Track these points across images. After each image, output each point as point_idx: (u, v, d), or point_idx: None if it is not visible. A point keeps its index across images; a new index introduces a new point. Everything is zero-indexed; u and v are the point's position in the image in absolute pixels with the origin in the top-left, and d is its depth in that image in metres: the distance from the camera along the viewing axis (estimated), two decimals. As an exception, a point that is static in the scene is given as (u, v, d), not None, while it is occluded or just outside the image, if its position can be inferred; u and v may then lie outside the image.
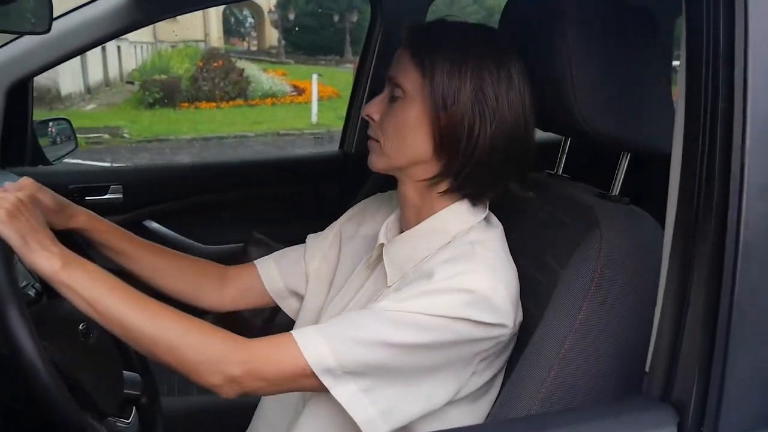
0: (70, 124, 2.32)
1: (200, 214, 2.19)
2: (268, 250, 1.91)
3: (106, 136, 11.06)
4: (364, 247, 1.16)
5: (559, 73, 1.00)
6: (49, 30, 1.36)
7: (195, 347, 0.89)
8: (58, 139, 2.29)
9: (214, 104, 14.65)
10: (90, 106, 14.94)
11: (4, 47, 1.85)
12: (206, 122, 12.63)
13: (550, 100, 1.02)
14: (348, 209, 1.25)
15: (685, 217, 0.78)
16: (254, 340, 0.91)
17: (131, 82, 17.63)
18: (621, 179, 1.08)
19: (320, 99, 13.67)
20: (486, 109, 0.96)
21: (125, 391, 1.07)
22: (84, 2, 1.82)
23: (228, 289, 1.21)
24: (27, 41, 1.84)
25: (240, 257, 1.87)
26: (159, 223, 2.14)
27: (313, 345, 0.89)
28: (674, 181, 0.80)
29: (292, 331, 0.92)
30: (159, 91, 14.53)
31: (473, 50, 0.97)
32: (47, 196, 1.00)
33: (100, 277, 0.89)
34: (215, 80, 15.16)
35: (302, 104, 14.49)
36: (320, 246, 1.22)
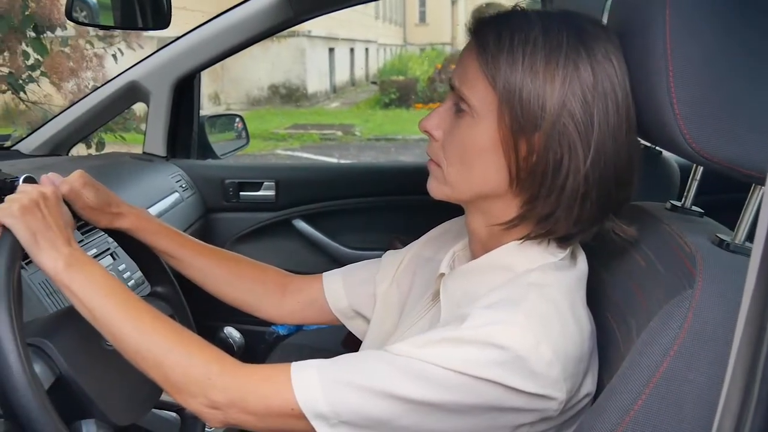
0: (244, 121, 2.40)
1: (348, 218, 2.14)
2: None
3: (339, 133, 11.63)
4: (437, 273, 1.00)
5: (654, 73, 0.76)
6: (167, 26, 1.38)
7: (179, 365, 0.80)
8: (230, 135, 2.38)
9: (447, 106, 14.77)
10: (333, 105, 15.91)
11: (170, 45, 1.95)
12: (436, 123, 12.75)
13: (646, 107, 0.78)
14: (458, 217, 1.08)
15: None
16: (247, 366, 0.81)
17: (375, 83, 18.48)
18: (749, 221, 0.80)
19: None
20: (579, 136, 0.76)
21: (168, 399, 1.02)
22: (239, 2, 1.86)
23: (288, 301, 1.11)
24: (190, 40, 1.93)
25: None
26: (307, 223, 2.12)
27: (306, 384, 0.76)
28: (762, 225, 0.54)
29: (292, 363, 0.79)
30: (396, 91, 15.06)
31: (563, 55, 0.76)
32: (91, 194, 0.97)
33: (100, 281, 0.84)
34: (451, 82, 15.33)
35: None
36: (393, 268, 1.08)
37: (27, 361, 0.77)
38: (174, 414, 1.13)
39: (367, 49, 20.81)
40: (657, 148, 1.59)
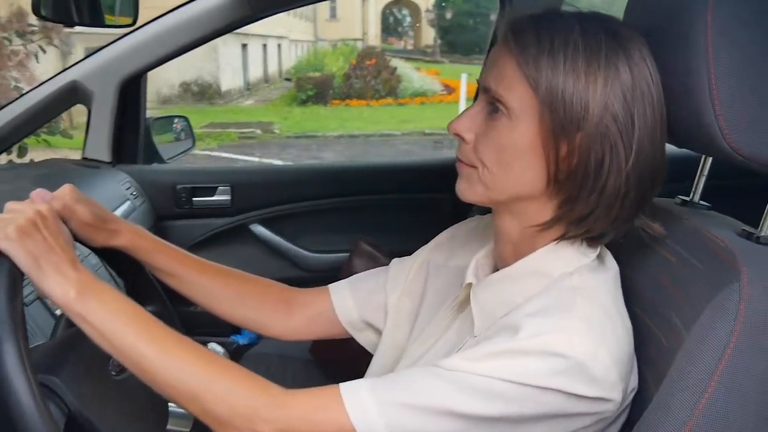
0: (188, 122, 2.29)
1: (308, 220, 2.08)
2: (374, 263, 1.77)
3: (258, 131, 11.44)
4: (455, 281, 0.97)
5: (694, 74, 0.76)
6: (134, 24, 1.29)
7: (221, 398, 0.75)
8: (175, 137, 2.27)
9: (364, 102, 14.87)
10: (248, 102, 15.65)
11: (115, 43, 1.82)
12: (355, 120, 12.79)
13: (681, 108, 0.79)
14: (461, 221, 1.06)
15: None
16: (293, 393, 0.76)
17: (289, 79, 18.33)
18: None
19: (469, 98, 13.46)
20: (620, 137, 0.75)
21: (173, 428, 0.95)
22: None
23: (294, 317, 1.06)
24: (138, 38, 1.81)
25: (345, 268, 1.75)
26: (265, 228, 2.05)
27: (361, 408, 0.73)
28: None
29: (340, 385, 0.75)
30: (312, 88, 14.99)
31: (603, 57, 0.75)
32: (85, 210, 0.89)
33: (119, 308, 0.77)
34: (367, 78, 15.40)
35: (451, 103, 14.28)
36: (403, 276, 1.04)
37: (43, 402, 0.69)
38: None
39: (279, 45, 20.58)
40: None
